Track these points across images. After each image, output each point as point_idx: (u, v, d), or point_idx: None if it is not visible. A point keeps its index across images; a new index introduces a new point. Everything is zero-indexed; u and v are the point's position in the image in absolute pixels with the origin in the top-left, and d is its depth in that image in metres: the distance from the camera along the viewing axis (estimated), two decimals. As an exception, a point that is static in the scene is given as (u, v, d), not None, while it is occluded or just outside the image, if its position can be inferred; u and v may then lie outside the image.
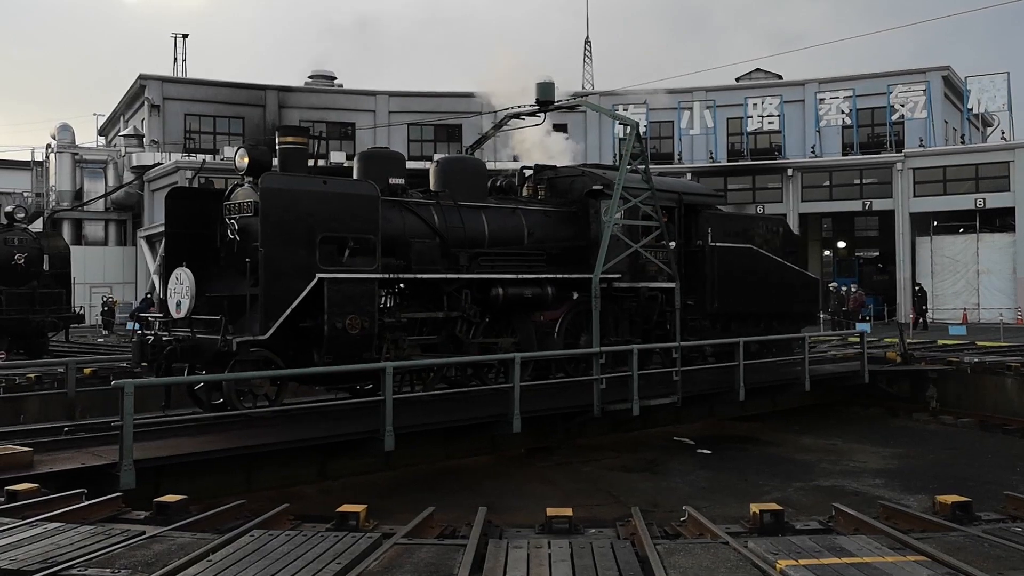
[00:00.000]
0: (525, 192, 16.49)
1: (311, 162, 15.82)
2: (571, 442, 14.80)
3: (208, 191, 14.09)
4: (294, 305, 11.46)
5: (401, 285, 13.42)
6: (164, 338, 11.85)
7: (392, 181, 13.52)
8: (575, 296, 15.58)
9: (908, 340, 23.01)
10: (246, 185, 12.41)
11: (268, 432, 10.98)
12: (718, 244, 17.77)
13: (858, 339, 19.72)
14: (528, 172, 17.01)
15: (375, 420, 11.13)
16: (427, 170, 15.58)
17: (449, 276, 13.73)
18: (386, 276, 12.73)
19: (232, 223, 12.32)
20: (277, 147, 12.69)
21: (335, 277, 11.89)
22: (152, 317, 13.14)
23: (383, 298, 13.17)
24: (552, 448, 14.43)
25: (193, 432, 11.02)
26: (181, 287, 12.05)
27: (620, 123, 26.19)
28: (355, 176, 13.98)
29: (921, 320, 31.68)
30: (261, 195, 11.62)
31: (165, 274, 12.98)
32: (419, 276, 13.27)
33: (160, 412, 12.05)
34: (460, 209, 14.27)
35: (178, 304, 12.05)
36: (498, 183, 16.17)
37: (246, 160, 12.29)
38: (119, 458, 8.97)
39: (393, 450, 11.04)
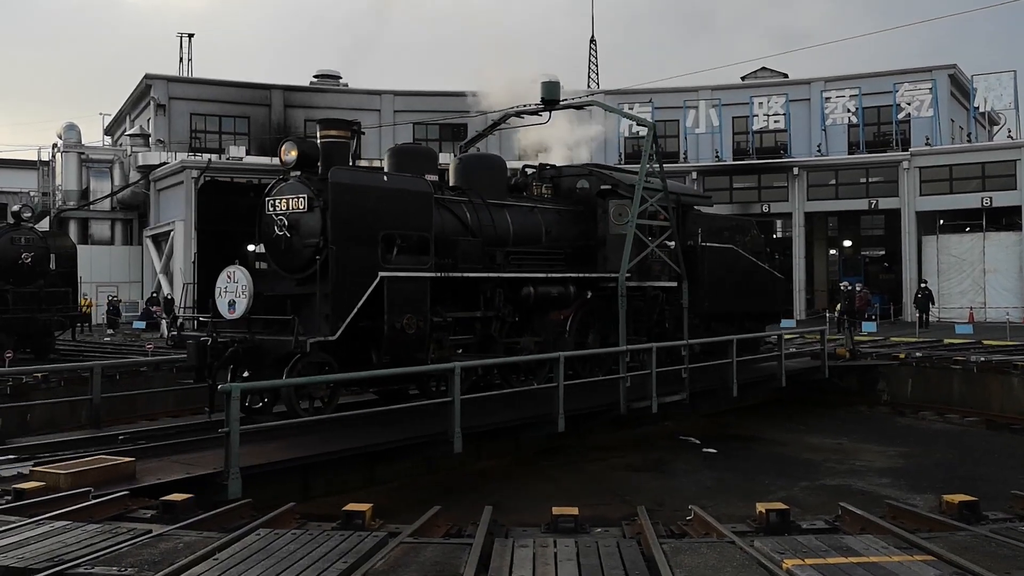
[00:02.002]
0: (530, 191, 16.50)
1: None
2: (583, 441, 14.77)
3: (243, 186, 13.65)
4: (360, 304, 11.20)
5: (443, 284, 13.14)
6: (220, 339, 11.32)
7: (428, 178, 13.34)
8: (589, 295, 15.62)
9: (915, 339, 23.13)
10: (292, 180, 12.03)
11: (336, 438, 10.58)
12: (708, 244, 17.96)
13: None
14: (530, 171, 17.00)
15: (426, 424, 11.03)
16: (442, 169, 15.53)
17: (495, 275, 13.68)
18: (442, 275, 12.56)
19: (280, 219, 11.89)
20: (319, 141, 12.40)
21: (395, 275, 11.66)
22: (205, 318, 12.33)
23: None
24: (558, 448, 14.41)
25: (254, 439, 10.35)
26: (236, 286, 11.52)
27: (638, 124, 26.19)
28: (386, 171, 13.67)
29: (925, 318, 31.57)
30: (332, 190, 11.27)
31: (199, 271, 12.54)
32: (470, 275, 13.18)
33: (206, 417, 11.76)
34: (489, 207, 14.21)
35: (231, 304, 11.53)
36: (512, 181, 16.17)
37: (294, 154, 11.92)
38: (225, 466, 8.65)
39: (461, 452, 10.97)
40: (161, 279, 39.84)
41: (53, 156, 47.46)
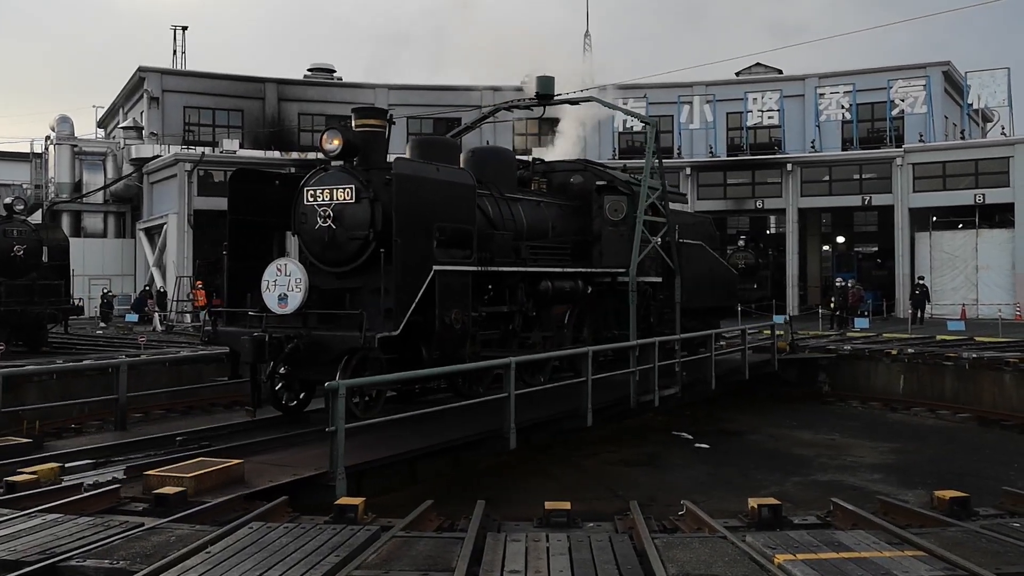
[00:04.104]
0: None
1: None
2: (580, 437, 14.76)
3: (276, 175, 13.25)
4: (418, 298, 10.91)
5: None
6: (274, 335, 10.84)
7: None
8: (589, 290, 15.65)
9: (908, 335, 23.25)
10: (334, 170, 11.67)
11: (394, 437, 10.30)
12: (684, 241, 18.16)
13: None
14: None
15: (473, 422, 10.95)
16: None
17: (529, 270, 13.63)
18: (484, 269, 12.40)
19: (324, 210, 11.49)
20: (354, 130, 12.02)
21: (445, 269, 11.42)
22: (254, 312, 11.67)
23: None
24: (553, 443, 14.41)
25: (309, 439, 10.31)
26: (288, 279, 11.09)
27: (641, 122, 26.25)
28: None
29: (920, 315, 31.67)
30: (396, 182, 10.91)
31: (232, 264, 12.24)
32: (509, 269, 13.11)
33: (249, 416, 11.54)
34: (507, 201, 14.11)
35: (281, 298, 11.11)
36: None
37: (337, 142, 11.51)
38: (331, 466, 8.48)
39: (515, 447, 10.95)
40: (154, 272, 39.76)
41: (46, 148, 47.32)
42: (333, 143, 11.58)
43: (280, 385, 11.87)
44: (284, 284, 11.12)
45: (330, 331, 10.95)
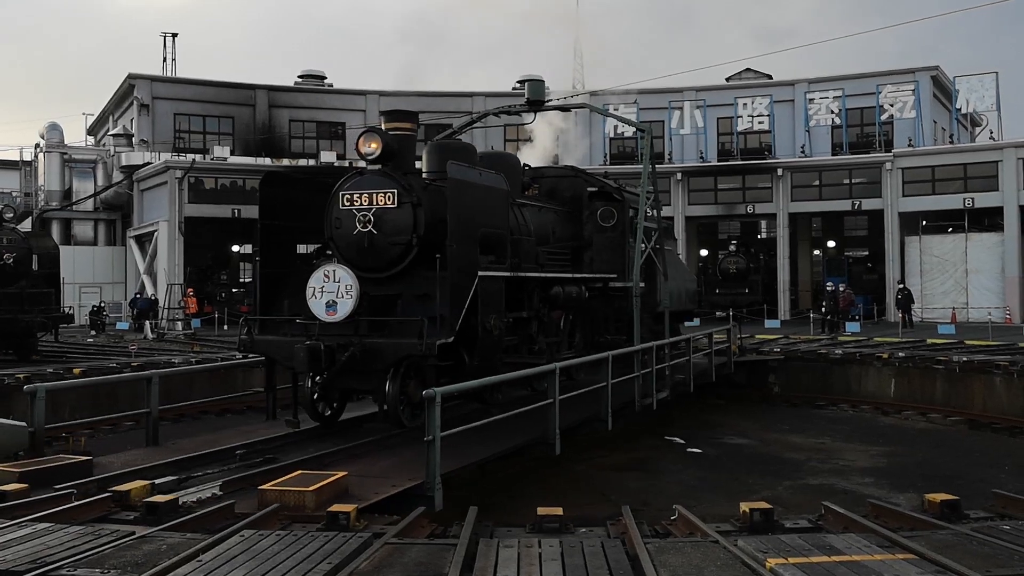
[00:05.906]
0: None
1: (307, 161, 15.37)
2: (573, 441, 14.76)
3: (308, 180, 12.92)
4: (467, 304, 10.72)
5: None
6: (326, 343, 10.55)
7: None
8: (587, 295, 15.70)
9: (899, 339, 23.39)
10: (371, 174, 11.40)
11: (453, 445, 9.91)
12: (662, 247, 18.28)
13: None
14: None
15: (507, 428, 10.81)
16: None
17: (553, 275, 13.65)
18: (519, 275, 12.32)
19: (363, 215, 11.24)
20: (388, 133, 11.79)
21: (487, 275, 11.23)
22: (301, 320, 11.34)
23: None
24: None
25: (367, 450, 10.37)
26: (337, 286, 10.77)
27: (637, 130, 26.35)
28: (424, 168, 13.04)
29: (908, 319, 31.79)
30: (450, 187, 10.76)
31: (262, 270, 12.04)
32: (541, 275, 13.17)
33: (292, 428, 11.36)
34: (519, 206, 14.05)
35: (330, 305, 10.80)
36: None
37: (374, 146, 11.21)
38: (428, 476, 8.43)
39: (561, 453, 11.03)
40: (145, 280, 39.67)
41: (35, 156, 47.23)
42: (371, 146, 11.28)
43: (317, 394, 11.64)
44: (333, 291, 10.81)
45: (383, 338, 10.71)
